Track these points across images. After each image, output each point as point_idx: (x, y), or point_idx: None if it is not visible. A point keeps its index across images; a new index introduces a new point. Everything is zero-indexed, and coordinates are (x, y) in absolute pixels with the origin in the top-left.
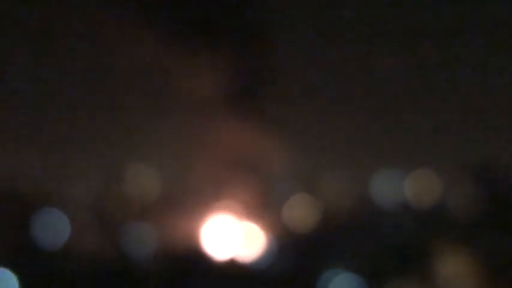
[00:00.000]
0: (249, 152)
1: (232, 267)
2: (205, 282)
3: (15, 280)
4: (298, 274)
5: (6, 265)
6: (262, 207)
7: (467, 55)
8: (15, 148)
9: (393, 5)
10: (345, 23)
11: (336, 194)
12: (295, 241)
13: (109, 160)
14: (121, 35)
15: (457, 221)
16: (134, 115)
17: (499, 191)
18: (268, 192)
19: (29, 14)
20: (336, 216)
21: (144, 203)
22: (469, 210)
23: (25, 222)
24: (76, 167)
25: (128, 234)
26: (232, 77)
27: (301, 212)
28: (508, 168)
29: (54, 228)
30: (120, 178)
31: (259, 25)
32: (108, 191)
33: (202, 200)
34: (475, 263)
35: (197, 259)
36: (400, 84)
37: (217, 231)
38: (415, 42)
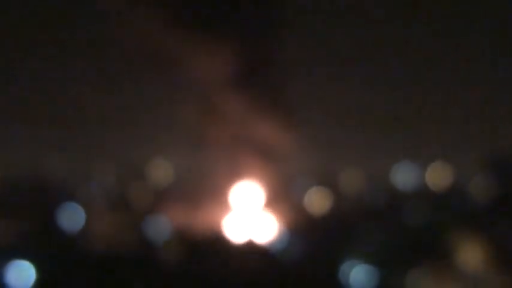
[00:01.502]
0: (268, 142)
1: (250, 254)
2: (224, 267)
3: (33, 270)
4: (317, 262)
5: (27, 255)
6: (281, 197)
7: (484, 47)
8: (41, 145)
9: None
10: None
11: (354, 186)
12: (313, 230)
13: (128, 152)
14: (132, 26)
15: (474, 210)
16: (149, 107)
17: None
18: (287, 182)
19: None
20: (354, 207)
21: (163, 190)
22: (485, 199)
23: (50, 213)
24: (96, 159)
25: (148, 221)
26: (250, 69)
27: (319, 203)
28: None
29: (76, 218)
30: (139, 169)
31: (271, 11)
32: (129, 180)
33: (220, 188)
34: (492, 251)
35: (216, 245)
36: (418, 77)
37: (236, 219)
38: (431, 36)
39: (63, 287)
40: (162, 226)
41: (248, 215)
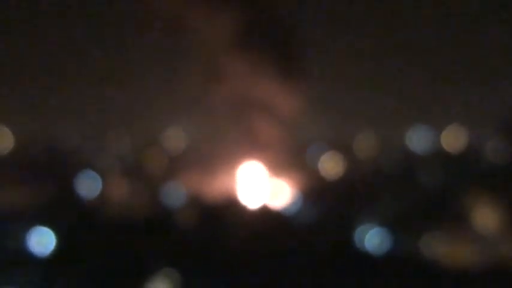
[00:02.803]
0: (281, 107)
1: (264, 219)
2: (238, 233)
3: (53, 236)
4: (332, 227)
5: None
6: (295, 162)
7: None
8: (57, 114)
9: None
10: None
11: (369, 150)
12: (328, 195)
13: (143, 120)
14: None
15: (490, 172)
16: (162, 79)
17: None
18: (301, 147)
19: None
20: (369, 172)
21: (177, 157)
22: (501, 161)
23: (67, 180)
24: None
25: (163, 188)
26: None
27: (333, 168)
28: None
29: (92, 185)
30: (154, 136)
31: None
32: (144, 148)
33: (233, 154)
34: (508, 213)
35: (230, 210)
36: (432, 39)
37: (250, 184)
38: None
39: (82, 252)
40: (177, 192)
41: (262, 181)
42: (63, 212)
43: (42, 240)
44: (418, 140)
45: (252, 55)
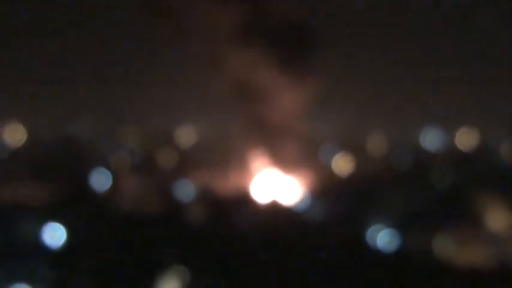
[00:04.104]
0: (292, 104)
1: (275, 215)
2: (249, 228)
3: (63, 230)
4: (343, 225)
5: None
6: (308, 159)
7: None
8: (70, 111)
9: None
10: None
11: (382, 149)
12: (340, 193)
13: (155, 117)
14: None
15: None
16: (173, 76)
17: None
18: (315, 146)
19: None
20: (382, 171)
21: (189, 153)
22: None
23: (79, 176)
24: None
25: (175, 183)
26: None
27: (346, 166)
28: None
29: (104, 181)
30: (166, 132)
31: None
32: (156, 144)
33: (245, 150)
34: None
35: (241, 206)
36: (448, 40)
37: (262, 181)
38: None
39: (93, 247)
40: (187, 188)
41: (273, 177)
42: (75, 207)
43: (55, 235)
44: (431, 140)
45: (262, 50)
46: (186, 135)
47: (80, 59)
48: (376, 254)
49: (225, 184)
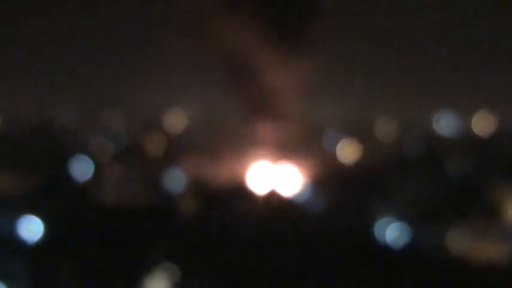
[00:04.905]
0: (291, 85)
1: (272, 206)
2: (243, 219)
3: (41, 224)
4: (348, 215)
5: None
6: (310, 146)
7: None
8: (50, 96)
9: None
10: None
11: (392, 135)
12: (345, 181)
13: (142, 102)
14: None
15: None
16: (160, 55)
17: None
18: (319, 131)
19: None
20: (392, 158)
21: (177, 140)
22: None
23: (59, 164)
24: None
25: (162, 173)
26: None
27: (352, 153)
28: None
29: (85, 169)
30: (153, 118)
31: None
32: (141, 130)
33: (240, 137)
34: None
35: (235, 196)
36: (461, 25)
37: (259, 170)
38: None
39: (72, 241)
40: (177, 177)
41: (272, 166)
42: (53, 198)
43: (31, 228)
44: (445, 123)
45: (258, 23)
46: (176, 120)
47: (57, 37)
48: (384, 250)
49: (218, 173)
